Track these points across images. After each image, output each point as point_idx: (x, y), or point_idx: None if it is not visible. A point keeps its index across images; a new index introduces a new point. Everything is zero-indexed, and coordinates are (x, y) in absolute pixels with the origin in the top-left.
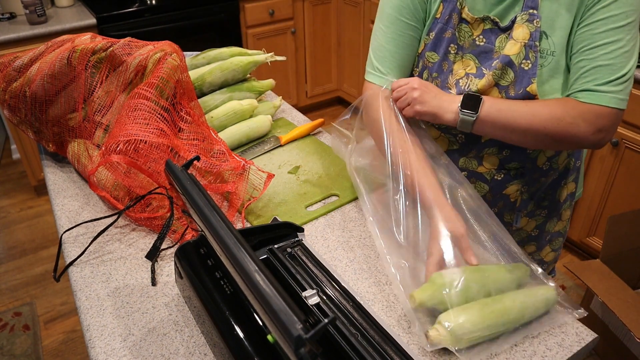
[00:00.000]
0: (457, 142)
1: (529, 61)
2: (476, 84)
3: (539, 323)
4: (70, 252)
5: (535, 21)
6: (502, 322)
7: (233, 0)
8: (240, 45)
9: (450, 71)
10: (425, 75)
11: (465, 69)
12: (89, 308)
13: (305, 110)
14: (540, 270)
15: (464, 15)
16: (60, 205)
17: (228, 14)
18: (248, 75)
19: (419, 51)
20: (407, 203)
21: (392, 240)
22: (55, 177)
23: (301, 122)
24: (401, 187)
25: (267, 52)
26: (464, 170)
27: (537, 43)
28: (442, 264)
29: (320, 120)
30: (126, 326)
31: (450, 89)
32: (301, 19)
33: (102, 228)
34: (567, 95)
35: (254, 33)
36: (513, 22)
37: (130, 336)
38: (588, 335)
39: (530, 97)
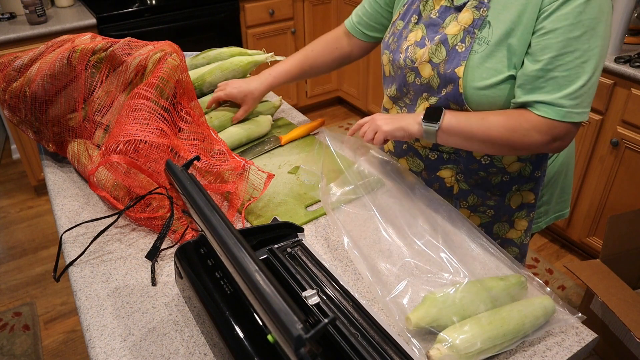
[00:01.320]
0: (401, 112)
1: (463, 45)
2: (415, 53)
3: (539, 331)
4: (70, 252)
5: (482, 9)
6: (503, 332)
7: (233, 0)
8: (240, 45)
9: (405, 37)
10: (390, 40)
11: (415, 37)
12: (89, 308)
13: (305, 110)
14: (535, 278)
15: None
16: (60, 205)
17: (228, 14)
18: (248, 75)
19: (394, 20)
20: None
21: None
22: (55, 177)
23: (301, 122)
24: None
25: (267, 52)
26: (405, 143)
27: (477, 30)
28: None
29: (320, 120)
30: (126, 326)
31: (401, 53)
32: (301, 19)
33: (102, 228)
34: (523, 104)
35: (254, 33)
36: (465, 4)
37: (130, 336)
38: (588, 335)
39: (456, 78)
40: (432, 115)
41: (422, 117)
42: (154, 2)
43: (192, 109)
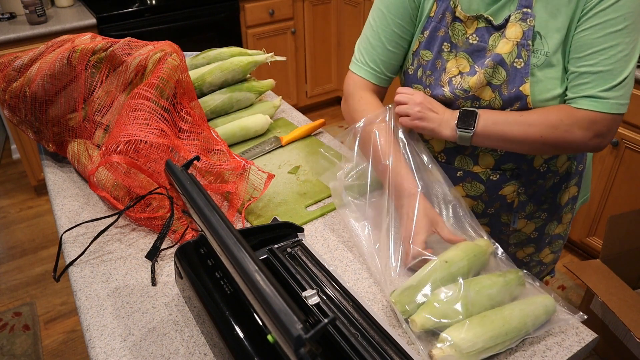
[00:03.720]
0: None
1: (521, 60)
2: (468, 82)
3: (540, 330)
4: (70, 252)
5: (528, 20)
6: (505, 331)
7: (233, 0)
8: (240, 45)
9: (444, 69)
10: (419, 73)
11: (458, 68)
12: (89, 308)
13: (305, 110)
14: (530, 276)
15: (457, 14)
16: (60, 205)
17: (228, 14)
18: (248, 75)
19: (414, 49)
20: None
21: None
22: (55, 177)
23: (301, 122)
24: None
25: (267, 52)
26: (460, 170)
27: (530, 42)
28: (424, 243)
29: (321, 120)
30: (126, 326)
31: (443, 86)
32: (301, 19)
33: (102, 228)
34: (568, 101)
35: (254, 33)
36: (507, 20)
37: (130, 336)
38: (588, 335)
39: (522, 96)
40: (466, 118)
41: (455, 121)
42: (154, 2)
43: (192, 109)
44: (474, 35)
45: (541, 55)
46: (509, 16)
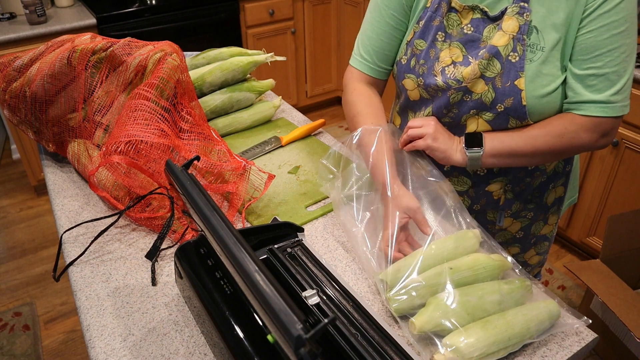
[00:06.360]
0: None
1: (516, 54)
2: (461, 72)
3: (544, 335)
4: (70, 252)
5: (525, 14)
6: (508, 336)
7: (233, 0)
8: (240, 45)
9: (437, 58)
10: (413, 62)
11: (452, 57)
12: (89, 308)
13: (305, 110)
14: (535, 280)
15: (453, 4)
16: (60, 205)
17: (228, 14)
18: (248, 76)
19: (409, 39)
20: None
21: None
22: (55, 177)
23: (301, 122)
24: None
25: (267, 52)
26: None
27: (525, 37)
28: (395, 238)
29: (321, 120)
30: (126, 326)
31: (436, 76)
32: (301, 19)
33: (102, 228)
34: (571, 105)
35: (254, 33)
36: (503, 13)
37: (130, 336)
38: (588, 335)
39: (517, 91)
40: (472, 141)
41: (463, 144)
42: (154, 2)
43: (192, 109)
44: (469, 25)
45: (538, 51)
46: (506, 9)
